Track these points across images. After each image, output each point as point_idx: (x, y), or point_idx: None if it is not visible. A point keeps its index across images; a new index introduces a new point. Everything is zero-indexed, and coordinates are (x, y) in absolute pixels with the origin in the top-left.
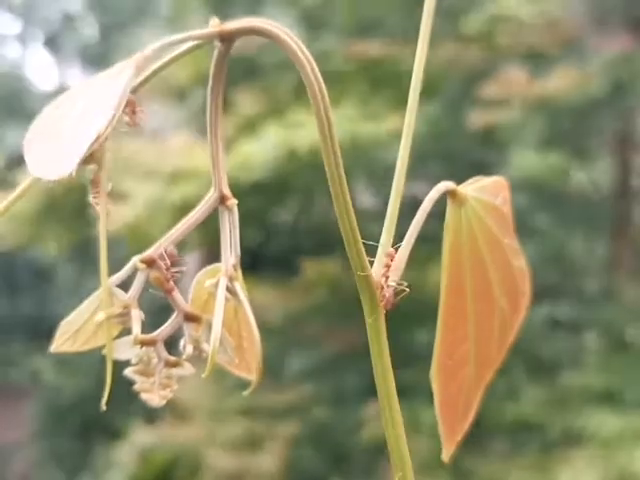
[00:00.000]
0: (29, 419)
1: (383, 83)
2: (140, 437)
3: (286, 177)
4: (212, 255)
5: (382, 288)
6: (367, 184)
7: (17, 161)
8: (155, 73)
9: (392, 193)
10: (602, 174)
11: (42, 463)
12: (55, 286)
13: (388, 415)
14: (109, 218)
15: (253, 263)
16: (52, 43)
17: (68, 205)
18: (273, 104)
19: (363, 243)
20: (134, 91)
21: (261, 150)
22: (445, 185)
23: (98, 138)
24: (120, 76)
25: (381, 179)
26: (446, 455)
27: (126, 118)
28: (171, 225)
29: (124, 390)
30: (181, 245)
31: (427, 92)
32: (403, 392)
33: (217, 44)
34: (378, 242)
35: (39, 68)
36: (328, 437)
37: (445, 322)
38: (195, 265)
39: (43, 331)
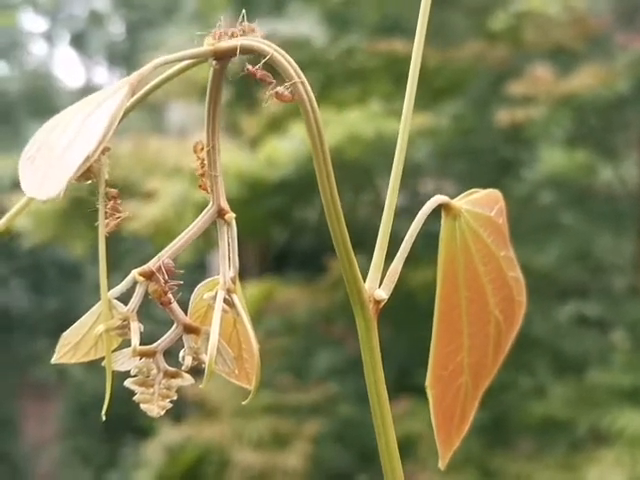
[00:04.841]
0: (56, 417)
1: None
2: (167, 435)
3: (311, 174)
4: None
5: (375, 302)
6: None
7: None
8: (149, 92)
9: (384, 213)
10: (629, 171)
11: (69, 462)
12: (80, 284)
13: (381, 426)
14: (132, 218)
15: (279, 261)
16: (79, 41)
17: (94, 203)
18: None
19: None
20: (129, 111)
21: (287, 147)
22: (438, 198)
23: (87, 160)
24: (114, 96)
25: (405, 176)
26: (442, 464)
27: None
28: None
29: None
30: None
31: (454, 90)
32: (422, 391)
33: (212, 63)
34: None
35: (66, 66)
36: (354, 435)
37: (440, 333)
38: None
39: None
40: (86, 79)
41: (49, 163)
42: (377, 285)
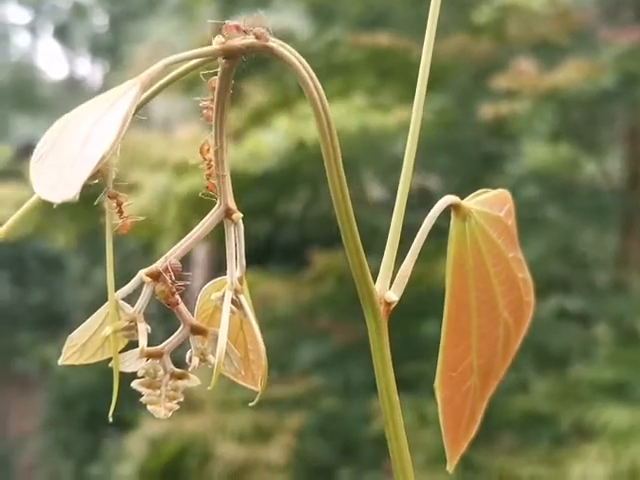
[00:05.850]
0: (38, 409)
1: (391, 74)
2: (150, 427)
3: (294, 168)
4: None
5: (385, 304)
6: (375, 174)
7: (27, 151)
8: (159, 90)
9: (395, 211)
10: (612, 166)
11: (51, 453)
12: (63, 276)
13: (392, 428)
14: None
15: (262, 255)
16: (62, 33)
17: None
18: (282, 95)
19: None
20: (138, 108)
21: (271, 141)
22: (449, 199)
23: (102, 160)
24: (125, 96)
25: (388, 170)
26: (450, 466)
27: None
28: (178, 216)
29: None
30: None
31: (437, 83)
32: (408, 386)
33: (221, 61)
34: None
35: (49, 58)
36: (336, 428)
37: (449, 335)
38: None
39: (52, 321)
40: (69, 71)
41: (62, 163)
42: (387, 286)
